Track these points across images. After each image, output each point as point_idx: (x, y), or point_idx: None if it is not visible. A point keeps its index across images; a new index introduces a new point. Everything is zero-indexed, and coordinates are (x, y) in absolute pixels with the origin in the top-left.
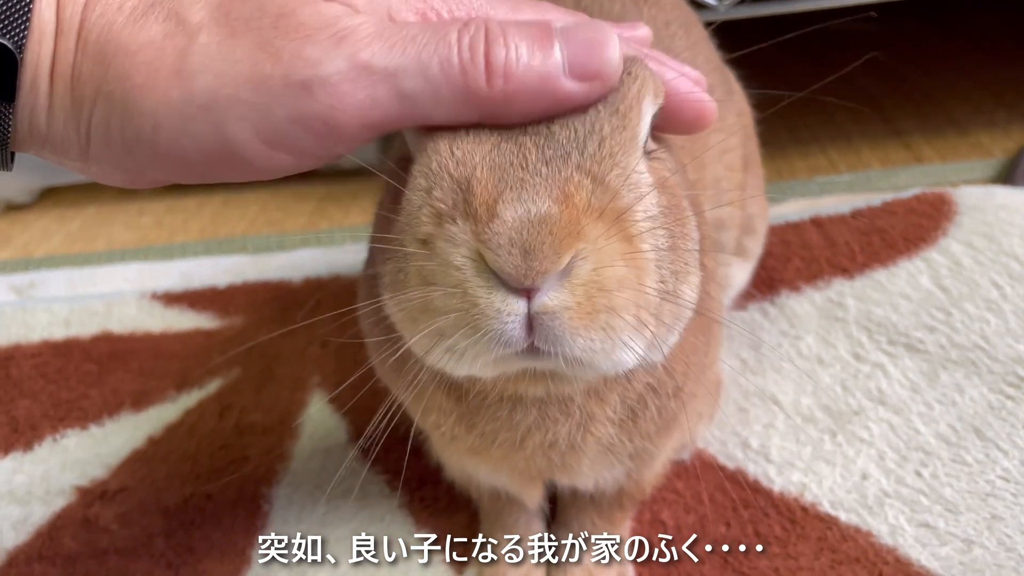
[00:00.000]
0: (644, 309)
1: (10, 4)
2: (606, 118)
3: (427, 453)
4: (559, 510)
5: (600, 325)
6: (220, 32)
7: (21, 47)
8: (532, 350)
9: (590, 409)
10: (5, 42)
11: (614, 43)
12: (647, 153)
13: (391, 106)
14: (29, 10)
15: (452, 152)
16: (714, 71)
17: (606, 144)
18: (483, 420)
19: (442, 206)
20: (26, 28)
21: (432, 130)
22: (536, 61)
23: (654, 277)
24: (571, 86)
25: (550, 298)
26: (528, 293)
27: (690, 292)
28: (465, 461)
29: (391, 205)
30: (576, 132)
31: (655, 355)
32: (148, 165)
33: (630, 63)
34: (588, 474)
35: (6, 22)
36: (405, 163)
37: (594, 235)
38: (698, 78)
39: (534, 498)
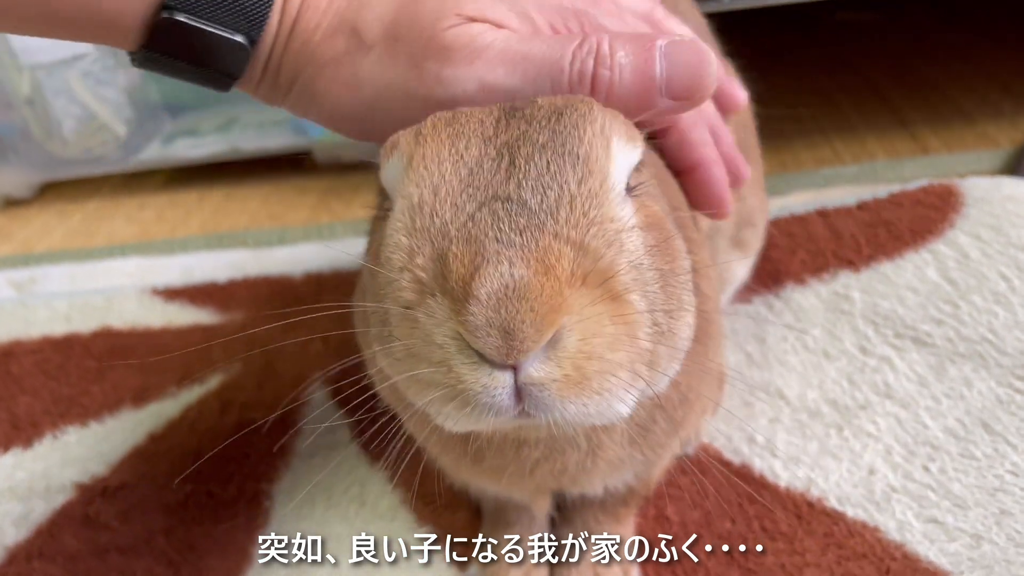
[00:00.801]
0: (639, 361)
1: (253, 14)
2: (570, 173)
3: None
4: (563, 508)
5: (593, 390)
6: (386, 51)
7: (254, 43)
8: (525, 413)
9: (598, 438)
10: (243, 40)
11: (712, 68)
12: (630, 189)
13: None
14: (264, 20)
15: (433, 218)
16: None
17: (578, 204)
18: (490, 455)
19: (422, 275)
20: (259, 32)
21: (411, 178)
22: (637, 82)
23: (647, 328)
24: (664, 104)
25: (536, 370)
26: (514, 366)
27: (686, 328)
28: (471, 481)
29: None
30: (547, 196)
31: (658, 388)
32: (325, 123)
33: (589, 108)
34: (598, 485)
35: (247, 24)
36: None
37: (579, 305)
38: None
39: (542, 507)
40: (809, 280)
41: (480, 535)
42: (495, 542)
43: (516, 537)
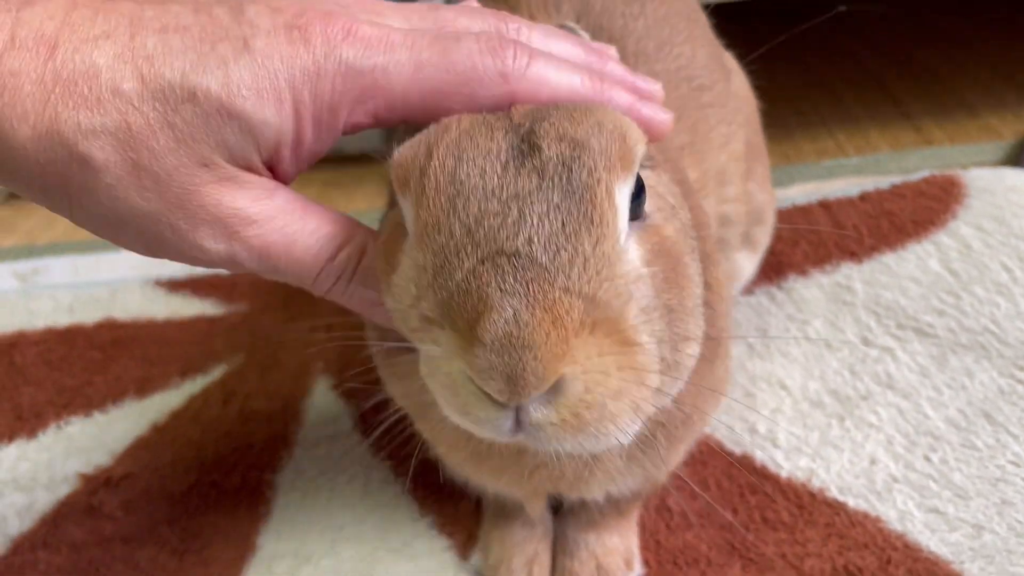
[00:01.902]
0: (641, 402)
1: None
2: (585, 235)
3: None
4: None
5: (589, 433)
6: (127, 180)
7: None
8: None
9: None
10: None
11: None
12: (638, 219)
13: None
14: None
15: (435, 276)
16: (713, 60)
17: (591, 265)
18: (492, 458)
19: (430, 315)
20: None
21: (420, 228)
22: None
23: (655, 370)
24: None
25: (536, 410)
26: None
27: (692, 355)
28: (472, 478)
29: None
30: (560, 255)
31: (661, 407)
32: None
33: (589, 155)
34: (597, 492)
35: None
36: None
37: (585, 355)
38: (654, 91)
39: (537, 509)
40: (811, 271)
41: (484, 521)
42: (499, 530)
43: (518, 529)
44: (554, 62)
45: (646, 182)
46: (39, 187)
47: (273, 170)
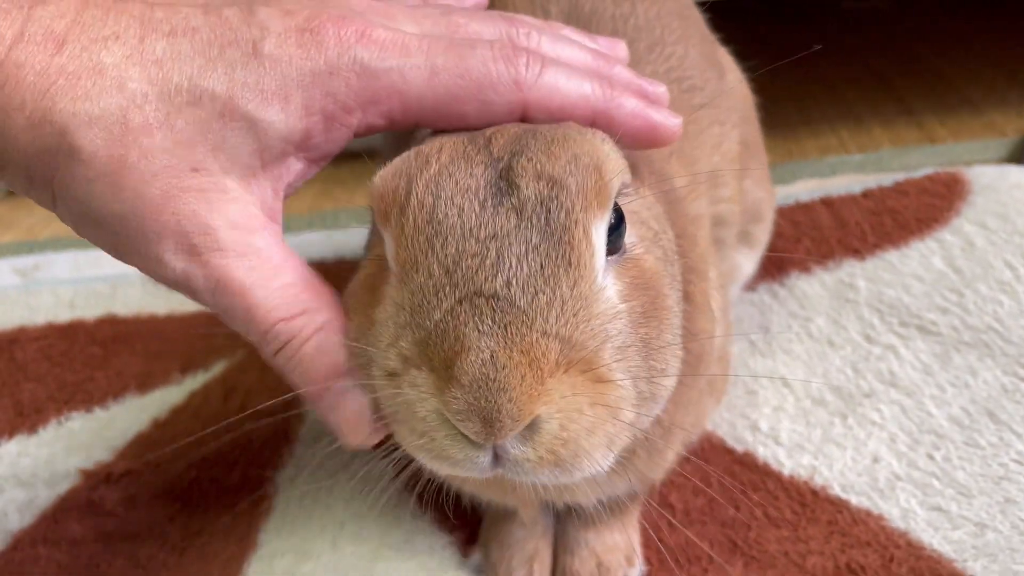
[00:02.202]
0: (616, 437)
1: None
2: (563, 277)
3: None
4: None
5: (565, 468)
6: (109, 177)
7: None
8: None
9: None
10: None
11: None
12: (617, 251)
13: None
14: None
15: (412, 315)
16: (705, 59)
17: (568, 307)
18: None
19: (407, 354)
20: None
21: (399, 267)
22: (309, 394)
23: (630, 403)
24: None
25: (513, 447)
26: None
27: (669, 386)
28: (461, 487)
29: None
30: (538, 298)
31: (639, 431)
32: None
33: (565, 193)
34: (583, 500)
35: None
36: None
37: (559, 394)
38: (661, 95)
39: (530, 514)
40: (814, 268)
41: (483, 524)
42: (497, 532)
43: (518, 528)
44: (565, 70)
45: (626, 209)
46: (25, 177)
47: (280, 173)
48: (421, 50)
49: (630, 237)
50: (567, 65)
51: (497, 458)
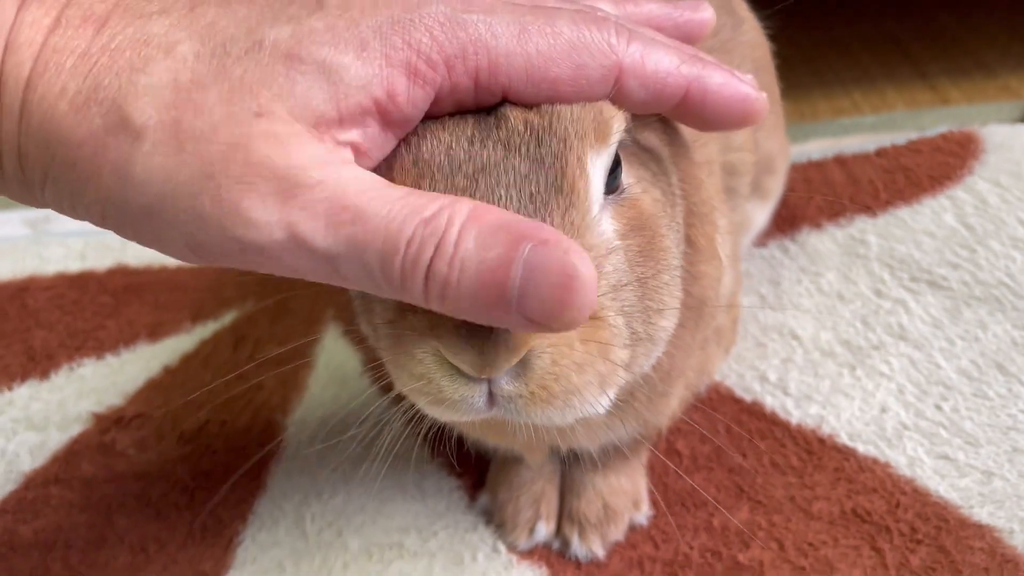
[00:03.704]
0: (608, 376)
1: None
2: (554, 205)
3: None
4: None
5: (559, 405)
6: (167, 144)
7: None
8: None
9: None
10: None
11: (580, 294)
12: (614, 192)
13: (329, 276)
14: None
15: None
16: (720, 6)
17: None
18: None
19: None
20: None
21: None
22: (479, 291)
23: (622, 342)
24: (518, 321)
25: (507, 383)
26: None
27: (666, 326)
28: (467, 433)
29: None
30: None
31: (637, 374)
32: (103, 227)
33: (561, 124)
34: (586, 444)
35: None
36: None
37: None
38: (749, 81)
39: (537, 459)
40: (825, 224)
41: (491, 468)
42: (504, 475)
43: (525, 471)
44: (651, 41)
45: (624, 150)
46: (73, 172)
47: (358, 136)
48: (507, 9)
49: (627, 177)
50: (652, 39)
51: (492, 399)
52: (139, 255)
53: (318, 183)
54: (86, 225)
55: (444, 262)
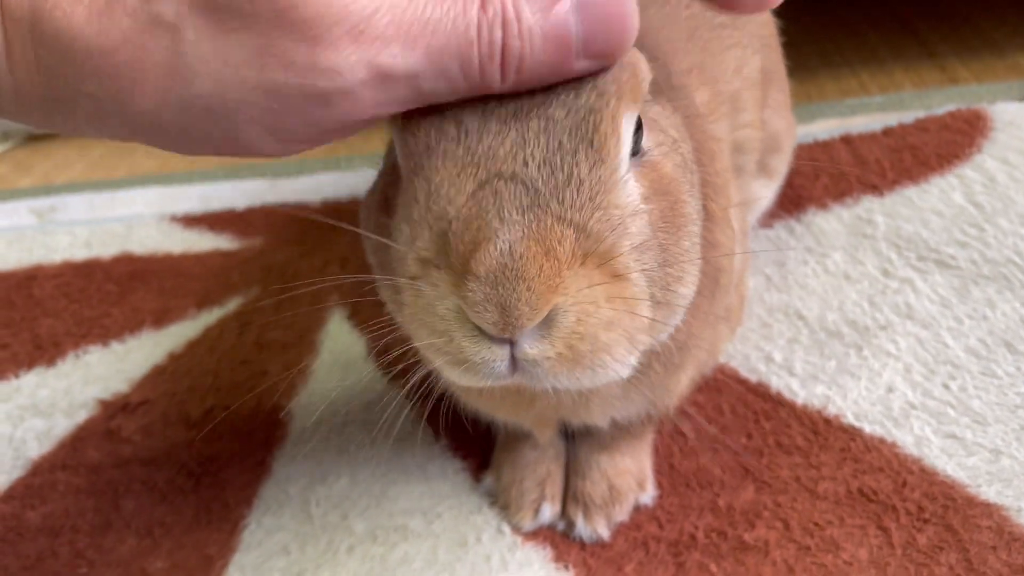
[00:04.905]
0: (636, 334)
1: None
2: (582, 156)
3: None
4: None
5: (585, 366)
6: (208, 28)
7: None
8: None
9: None
10: None
11: (632, 19)
12: (637, 154)
13: (408, 101)
14: None
15: (429, 207)
16: None
17: (585, 188)
18: (494, 388)
19: (426, 254)
20: None
21: (412, 162)
22: (550, 49)
23: (645, 303)
24: (581, 65)
25: (531, 346)
26: (511, 339)
27: (687, 293)
28: (479, 407)
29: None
30: (554, 177)
31: (658, 340)
32: (150, 142)
33: (600, 79)
34: (599, 419)
35: None
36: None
37: (576, 286)
38: None
39: (545, 435)
40: (831, 205)
41: (495, 449)
42: (509, 456)
43: (529, 451)
44: None
45: (645, 116)
46: (114, 82)
47: None
48: None
49: (647, 142)
50: None
51: (515, 365)
52: (144, 243)
53: (375, 11)
54: (91, 214)
55: (514, 37)
